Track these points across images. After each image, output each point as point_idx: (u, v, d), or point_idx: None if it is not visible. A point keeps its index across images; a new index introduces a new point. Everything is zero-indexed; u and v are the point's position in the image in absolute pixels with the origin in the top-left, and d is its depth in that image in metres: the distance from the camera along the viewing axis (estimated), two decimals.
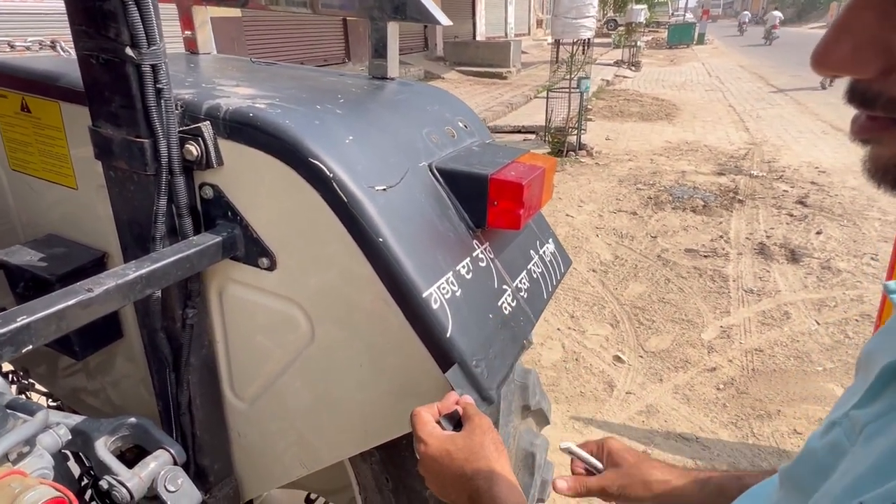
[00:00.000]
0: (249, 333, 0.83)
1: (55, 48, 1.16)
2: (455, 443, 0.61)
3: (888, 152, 0.35)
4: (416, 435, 0.64)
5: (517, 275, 0.87)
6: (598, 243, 4.08)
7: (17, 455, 0.62)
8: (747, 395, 2.49)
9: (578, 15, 6.07)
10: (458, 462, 0.60)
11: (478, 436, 0.62)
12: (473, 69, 12.29)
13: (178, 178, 0.71)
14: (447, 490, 0.62)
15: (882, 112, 0.34)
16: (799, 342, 2.87)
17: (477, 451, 0.60)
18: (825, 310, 3.15)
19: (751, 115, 8.90)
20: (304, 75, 1.07)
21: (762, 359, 2.75)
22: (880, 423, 0.37)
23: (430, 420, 0.64)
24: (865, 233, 4.13)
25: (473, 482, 0.59)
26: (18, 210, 1.02)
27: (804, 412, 2.38)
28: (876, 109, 0.34)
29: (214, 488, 0.93)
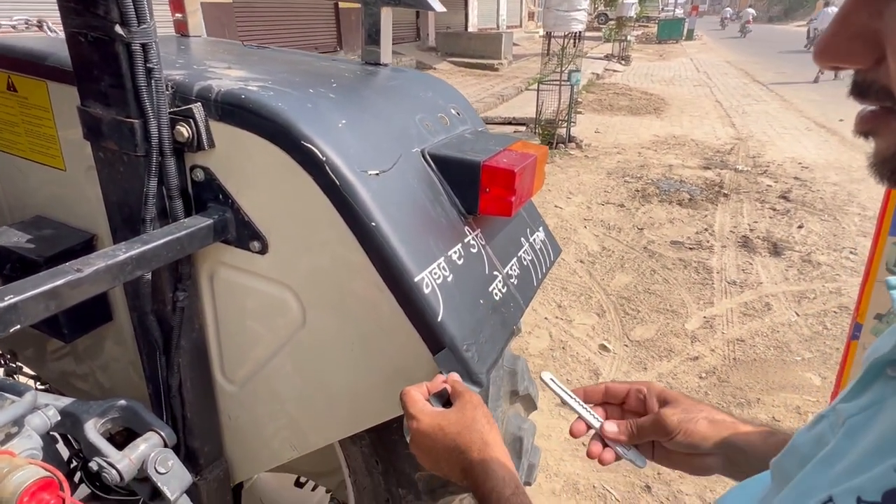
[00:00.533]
0: (240, 317, 0.82)
1: (42, 28, 1.13)
2: (447, 418, 0.61)
3: (884, 143, 0.34)
4: (406, 412, 0.63)
5: (508, 261, 0.86)
6: (586, 234, 4.10)
7: (6, 436, 0.61)
8: (728, 384, 2.53)
9: (570, 8, 6.04)
10: (451, 436, 0.60)
11: (469, 410, 0.62)
12: (465, 60, 12.21)
13: (168, 159, 0.70)
14: (440, 464, 0.62)
15: (875, 100, 0.34)
16: (779, 333, 2.92)
17: (469, 424, 0.60)
18: (805, 302, 3.20)
19: (737, 110, 8.96)
20: (296, 59, 1.05)
21: (743, 348, 2.80)
22: (862, 417, 0.37)
23: (420, 398, 0.64)
24: (845, 227, 4.19)
25: (466, 455, 0.59)
26: (5, 191, 1.00)
27: (783, 400, 2.42)
28: (870, 99, 0.34)
29: (205, 470, 0.93)
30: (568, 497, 1.91)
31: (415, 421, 0.62)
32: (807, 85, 11.30)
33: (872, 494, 0.30)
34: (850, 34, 0.33)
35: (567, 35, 6.75)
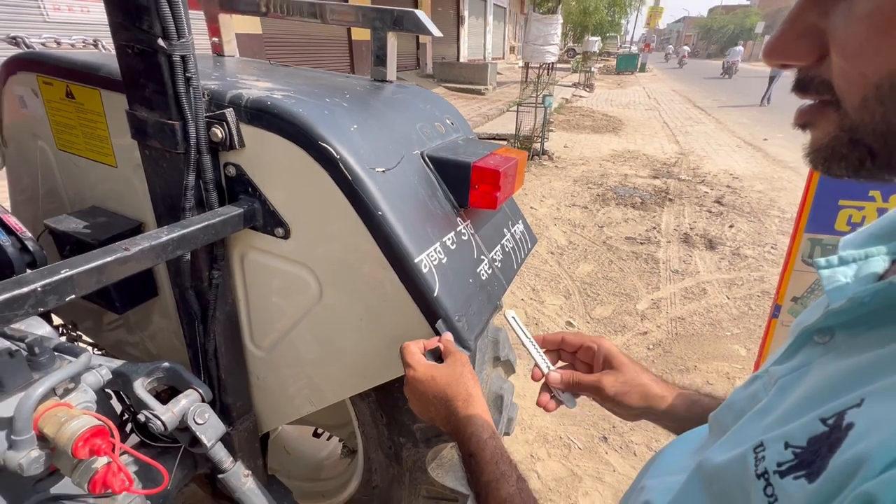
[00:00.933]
0: (266, 292, 0.81)
1: (97, 46, 1.09)
2: (438, 370, 0.60)
3: (820, 133, 0.32)
4: (404, 362, 0.62)
5: (493, 248, 0.85)
6: (556, 231, 4.09)
7: (64, 391, 0.59)
8: (671, 354, 2.55)
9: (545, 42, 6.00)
10: (441, 385, 0.59)
11: (458, 367, 0.60)
12: (457, 85, 12.10)
13: (205, 156, 0.67)
14: (428, 409, 0.60)
15: (816, 94, 0.32)
16: (713, 312, 2.93)
17: (457, 378, 0.59)
18: (734, 287, 3.22)
19: (681, 130, 8.97)
20: (315, 75, 1.02)
21: (683, 325, 2.81)
22: (791, 377, 0.36)
23: (417, 351, 0.63)
24: (767, 227, 4.22)
25: (452, 403, 0.57)
26: (66, 185, 0.96)
27: (715, 368, 2.44)
28: (811, 93, 0.32)
29: (237, 422, 0.91)
30: (539, 446, 1.91)
31: (411, 369, 0.61)
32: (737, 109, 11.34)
33: (799, 440, 0.29)
34: (798, 33, 0.31)
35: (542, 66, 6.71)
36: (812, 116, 0.33)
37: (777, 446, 0.30)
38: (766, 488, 0.29)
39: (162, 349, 1.02)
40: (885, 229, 0.40)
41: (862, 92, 0.28)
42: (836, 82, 0.30)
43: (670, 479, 0.43)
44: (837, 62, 0.29)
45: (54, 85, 0.84)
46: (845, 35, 0.28)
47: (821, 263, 0.39)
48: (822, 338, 0.35)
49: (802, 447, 0.28)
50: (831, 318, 0.34)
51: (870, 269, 0.37)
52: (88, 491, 0.53)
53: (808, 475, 0.27)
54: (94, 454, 0.52)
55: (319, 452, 1.44)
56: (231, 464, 0.86)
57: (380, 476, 1.07)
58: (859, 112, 0.29)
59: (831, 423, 0.28)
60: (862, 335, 0.32)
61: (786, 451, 0.29)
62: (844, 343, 0.33)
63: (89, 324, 1.14)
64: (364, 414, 1.00)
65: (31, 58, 0.87)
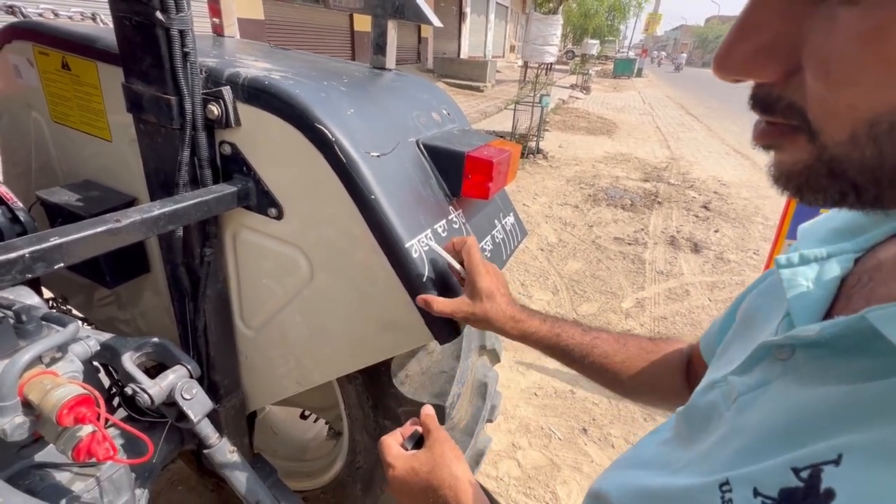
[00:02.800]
0: (258, 272, 0.80)
1: (95, 20, 1.07)
2: (418, 459, 0.54)
3: (789, 158, 0.27)
4: (383, 461, 0.56)
5: (483, 237, 0.85)
6: (547, 228, 4.10)
7: (51, 359, 0.58)
8: None
9: (544, 42, 5.98)
10: (423, 476, 0.52)
11: (437, 447, 0.54)
12: (456, 81, 12.02)
13: (200, 133, 0.66)
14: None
15: (782, 118, 0.26)
16: (694, 313, 2.97)
17: (438, 461, 0.53)
18: (716, 290, 3.27)
19: (672, 136, 9.02)
20: (314, 59, 1.01)
21: (666, 325, 2.84)
22: (751, 396, 0.33)
23: (395, 444, 0.57)
24: (751, 233, 4.27)
25: (439, 492, 0.51)
26: (59, 158, 0.94)
27: None
28: (776, 115, 0.26)
29: (224, 399, 0.91)
30: (521, 435, 1.93)
31: (391, 469, 0.55)
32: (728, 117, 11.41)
33: (769, 489, 0.26)
34: (758, 45, 0.24)
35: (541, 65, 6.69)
36: (777, 140, 0.27)
37: (745, 492, 0.27)
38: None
39: (152, 326, 1.01)
40: (847, 224, 0.36)
41: (850, 127, 0.22)
42: (811, 110, 0.24)
43: (630, 473, 0.41)
44: (815, 88, 0.23)
45: (50, 55, 0.82)
46: (829, 56, 0.22)
47: (781, 262, 0.36)
48: (782, 354, 0.32)
49: (773, 498, 0.26)
50: (793, 338, 0.31)
51: (831, 272, 0.34)
52: (73, 459, 0.53)
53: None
54: (78, 422, 0.51)
55: (305, 434, 1.44)
56: (217, 440, 0.85)
57: (364, 458, 1.07)
58: (844, 147, 0.23)
59: (805, 477, 0.25)
60: (826, 359, 0.29)
61: (755, 499, 0.26)
62: (806, 366, 0.30)
63: (80, 299, 1.12)
64: (350, 396, 1.00)
65: (28, 27, 0.85)
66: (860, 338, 0.27)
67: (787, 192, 0.27)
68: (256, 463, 1.09)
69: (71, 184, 0.87)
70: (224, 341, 0.87)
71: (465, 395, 1.02)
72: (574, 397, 2.18)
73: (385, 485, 1.06)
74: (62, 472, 0.67)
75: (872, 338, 0.25)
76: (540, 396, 2.17)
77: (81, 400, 0.52)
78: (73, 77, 0.81)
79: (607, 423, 2.02)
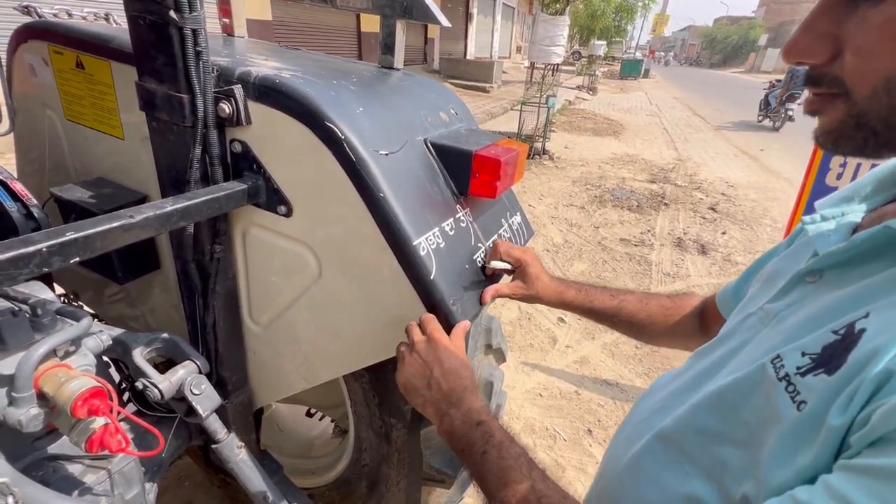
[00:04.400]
0: (266, 269, 0.81)
1: (108, 20, 1.08)
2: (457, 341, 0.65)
3: (828, 119, 0.38)
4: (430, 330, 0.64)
5: (490, 236, 0.85)
6: (553, 229, 4.10)
7: (65, 353, 0.59)
8: (658, 353, 2.56)
9: (551, 43, 5.98)
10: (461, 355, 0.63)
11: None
12: (463, 82, 12.03)
13: (211, 131, 0.67)
14: (445, 379, 0.59)
15: (826, 88, 0.37)
16: None
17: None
18: None
19: (680, 137, 8.97)
20: (323, 59, 1.02)
21: None
22: (789, 310, 0.42)
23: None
24: (759, 235, 4.24)
25: (468, 372, 0.61)
26: (72, 155, 0.96)
27: None
28: (822, 87, 0.37)
29: (232, 395, 0.92)
30: (525, 436, 1.93)
31: (438, 337, 0.63)
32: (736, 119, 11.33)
33: (813, 348, 0.36)
34: (815, 36, 0.36)
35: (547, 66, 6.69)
36: (821, 105, 0.38)
37: (794, 355, 0.36)
38: (787, 387, 0.35)
39: (161, 323, 1.02)
40: (856, 192, 0.48)
41: (872, 84, 0.34)
42: (847, 77, 0.35)
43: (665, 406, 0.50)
44: (852, 60, 0.35)
45: (65, 55, 0.83)
46: (861, 39, 0.34)
47: (806, 220, 0.47)
48: (813, 277, 0.42)
49: (818, 353, 0.35)
50: (825, 259, 0.41)
51: (847, 221, 0.45)
52: (86, 450, 0.54)
53: (827, 370, 0.34)
54: (92, 414, 0.52)
55: (311, 431, 1.45)
56: (225, 435, 0.86)
57: (369, 455, 1.08)
58: (868, 101, 0.34)
59: (842, 332, 0.34)
60: (850, 272, 0.39)
61: (803, 357, 0.36)
62: (834, 279, 0.40)
63: (91, 295, 1.13)
64: (356, 394, 1.01)
65: (43, 26, 0.86)
66: (882, 243, 0.37)
67: (826, 146, 0.38)
68: (263, 459, 1.09)
69: (84, 181, 0.88)
70: (232, 338, 0.88)
71: None
72: (579, 398, 2.18)
73: (390, 482, 1.07)
74: (75, 464, 0.68)
75: (892, 241, 0.36)
76: (545, 397, 2.17)
77: (95, 392, 0.53)
78: (87, 76, 0.83)
79: (612, 424, 2.01)
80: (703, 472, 0.42)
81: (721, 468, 0.40)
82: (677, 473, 0.44)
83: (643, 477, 0.47)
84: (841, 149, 0.38)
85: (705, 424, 0.43)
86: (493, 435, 0.52)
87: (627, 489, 0.49)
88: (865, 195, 0.47)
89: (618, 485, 0.50)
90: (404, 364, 0.62)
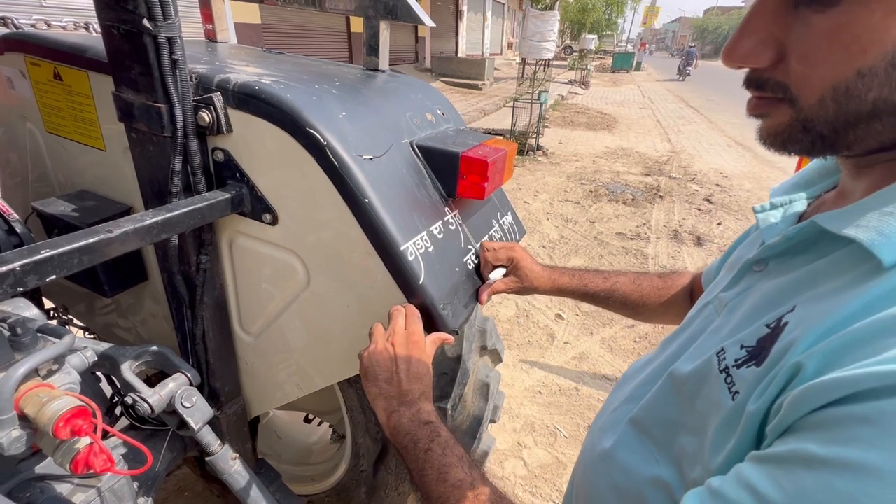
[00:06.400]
0: (255, 278, 0.80)
1: (88, 29, 1.07)
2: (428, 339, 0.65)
3: (774, 122, 0.37)
4: (410, 324, 0.64)
5: (480, 238, 0.84)
6: (549, 225, 4.09)
7: (47, 372, 0.58)
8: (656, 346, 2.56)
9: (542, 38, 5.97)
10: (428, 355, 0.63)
11: None
12: (455, 80, 12.00)
13: (192, 140, 0.66)
14: (408, 377, 0.59)
15: (771, 93, 0.36)
16: None
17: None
18: None
19: (673, 129, 8.97)
20: (306, 63, 1.01)
21: None
22: (738, 299, 0.44)
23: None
24: None
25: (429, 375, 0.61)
26: (54, 168, 0.94)
27: None
28: (766, 91, 0.37)
29: (225, 406, 0.90)
30: (526, 434, 1.93)
31: (416, 332, 0.63)
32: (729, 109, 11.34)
33: (750, 341, 0.38)
34: (757, 40, 0.35)
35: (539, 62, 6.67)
36: (766, 109, 0.38)
37: (734, 348, 0.39)
38: (726, 378, 0.38)
39: (153, 334, 1.01)
40: (803, 178, 0.49)
41: (819, 92, 0.33)
42: (793, 84, 0.35)
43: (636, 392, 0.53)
44: (797, 68, 0.34)
45: (42, 66, 0.82)
46: (806, 46, 0.33)
47: (757, 209, 0.48)
48: (759, 267, 0.44)
49: (753, 346, 0.37)
50: (766, 251, 0.43)
51: (793, 210, 0.47)
52: (71, 471, 0.53)
53: (757, 363, 0.36)
54: (75, 434, 0.51)
55: (309, 437, 1.44)
56: (219, 447, 0.85)
57: (367, 460, 1.07)
58: (815, 108, 0.34)
59: (773, 325, 0.37)
60: (789, 261, 0.41)
61: (741, 350, 0.38)
62: (776, 269, 0.42)
63: (81, 308, 1.12)
64: (352, 399, 1.00)
65: (19, 38, 0.85)
66: (811, 236, 0.39)
67: (773, 148, 0.38)
68: (261, 468, 1.09)
69: (67, 194, 0.87)
70: (223, 348, 0.86)
71: (467, 397, 1.01)
72: (579, 395, 2.17)
73: (388, 487, 1.06)
74: (63, 483, 0.67)
75: (820, 236, 0.38)
76: (545, 395, 2.16)
77: (77, 412, 0.51)
78: (66, 87, 0.81)
79: None
80: (668, 458, 0.44)
81: (681, 454, 0.43)
82: (647, 459, 0.46)
83: (614, 464, 0.49)
84: (788, 150, 0.37)
85: (668, 413, 0.46)
86: (439, 434, 0.52)
87: (601, 476, 0.50)
88: (811, 181, 0.49)
89: (592, 472, 0.52)
90: (375, 348, 0.61)
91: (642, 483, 0.45)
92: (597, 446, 0.53)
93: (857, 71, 0.31)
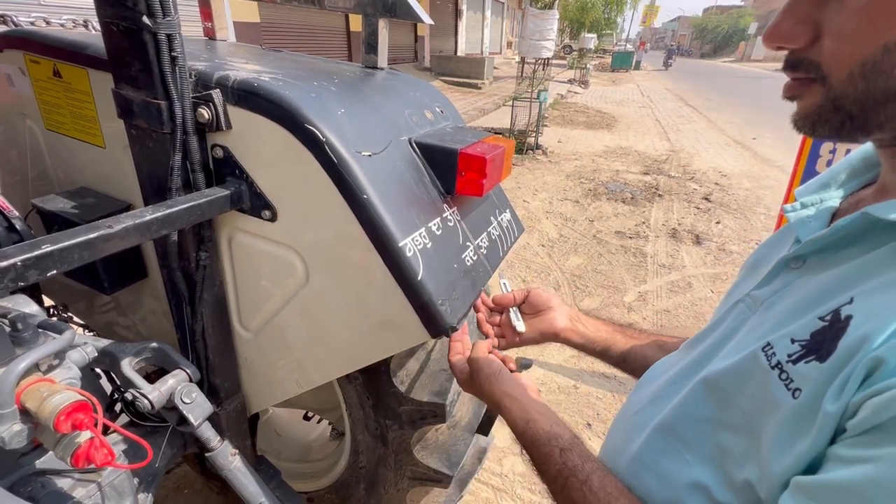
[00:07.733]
0: (254, 275, 0.80)
1: (87, 27, 1.07)
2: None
3: (806, 104, 0.38)
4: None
5: (479, 235, 0.85)
6: (548, 224, 4.10)
7: (48, 367, 0.58)
8: None
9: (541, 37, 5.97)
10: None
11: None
12: (454, 79, 11.98)
13: (191, 137, 0.66)
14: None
15: (804, 73, 0.38)
16: (697, 305, 2.96)
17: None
18: (718, 282, 3.25)
19: (672, 128, 8.98)
20: (305, 60, 1.01)
21: (668, 318, 2.84)
22: (775, 297, 0.44)
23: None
24: (753, 224, 4.25)
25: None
26: (54, 165, 0.95)
27: None
28: (800, 71, 0.38)
29: (224, 402, 0.91)
30: None
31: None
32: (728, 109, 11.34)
33: (802, 335, 0.37)
34: (796, 20, 0.37)
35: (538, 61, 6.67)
36: (799, 90, 0.39)
37: (783, 342, 0.37)
38: (780, 374, 0.36)
39: (153, 331, 1.01)
40: (831, 178, 0.50)
41: (848, 68, 0.35)
42: (824, 62, 0.36)
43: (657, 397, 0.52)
44: (829, 45, 0.35)
45: (41, 63, 0.82)
46: (839, 23, 0.35)
47: (787, 209, 0.49)
48: (797, 263, 0.44)
49: (807, 339, 0.36)
50: (808, 246, 0.42)
51: (826, 206, 0.47)
52: (71, 465, 0.53)
53: (818, 357, 0.34)
54: (76, 429, 0.51)
55: (309, 434, 1.44)
56: (218, 443, 0.86)
57: (366, 457, 1.07)
58: (844, 85, 0.35)
59: (828, 318, 0.35)
60: (831, 257, 0.41)
61: (793, 344, 0.37)
62: (817, 265, 0.42)
63: (81, 305, 1.12)
64: (351, 396, 1.00)
65: (19, 35, 0.85)
66: (861, 228, 0.38)
67: (804, 130, 0.39)
68: (260, 465, 1.09)
69: (66, 191, 0.87)
70: (223, 344, 0.87)
71: (466, 393, 1.01)
72: (577, 392, 2.18)
73: (388, 484, 1.06)
74: (63, 478, 0.67)
75: (871, 227, 0.37)
76: (544, 392, 2.17)
77: (78, 406, 0.52)
78: (65, 84, 0.81)
79: (611, 417, 2.02)
80: (703, 458, 0.43)
81: (722, 453, 0.42)
82: (678, 462, 0.46)
83: (645, 470, 0.49)
84: (818, 132, 0.39)
85: (702, 412, 0.44)
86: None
87: (631, 483, 0.49)
88: (841, 181, 0.49)
89: (622, 479, 0.51)
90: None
91: (679, 488, 0.45)
92: (623, 452, 0.53)
93: (884, 46, 0.32)
